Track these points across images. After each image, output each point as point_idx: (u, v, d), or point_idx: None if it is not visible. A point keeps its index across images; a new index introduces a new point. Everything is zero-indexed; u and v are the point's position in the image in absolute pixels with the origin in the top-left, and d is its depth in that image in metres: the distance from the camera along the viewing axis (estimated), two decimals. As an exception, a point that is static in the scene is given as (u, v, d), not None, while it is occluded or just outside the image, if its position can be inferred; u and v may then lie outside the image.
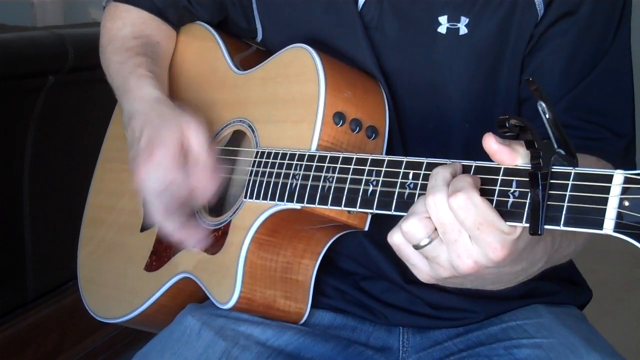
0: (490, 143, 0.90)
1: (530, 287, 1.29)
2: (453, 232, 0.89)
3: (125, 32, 1.44)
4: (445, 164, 0.96)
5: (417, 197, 0.97)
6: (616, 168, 1.23)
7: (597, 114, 1.20)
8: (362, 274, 1.31)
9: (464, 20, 1.20)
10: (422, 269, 0.95)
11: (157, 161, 1.17)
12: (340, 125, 1.17)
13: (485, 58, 1.21)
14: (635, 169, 1.23)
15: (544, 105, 0.88)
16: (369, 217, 1.16)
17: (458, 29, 1.20)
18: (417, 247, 0.92)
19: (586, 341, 1.18)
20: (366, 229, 1.16)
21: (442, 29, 1.20)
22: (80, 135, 2.30)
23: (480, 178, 0.92)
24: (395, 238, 0.94)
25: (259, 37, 1.39)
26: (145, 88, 1.30)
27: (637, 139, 1.24)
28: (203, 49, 1.44)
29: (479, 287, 1.04)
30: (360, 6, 1.25)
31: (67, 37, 2.11)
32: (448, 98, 1.23)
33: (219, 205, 1.34)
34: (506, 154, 0.90)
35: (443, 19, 1.20)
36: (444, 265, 0.92)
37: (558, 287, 1.33)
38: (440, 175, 0.92)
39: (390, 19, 1.23)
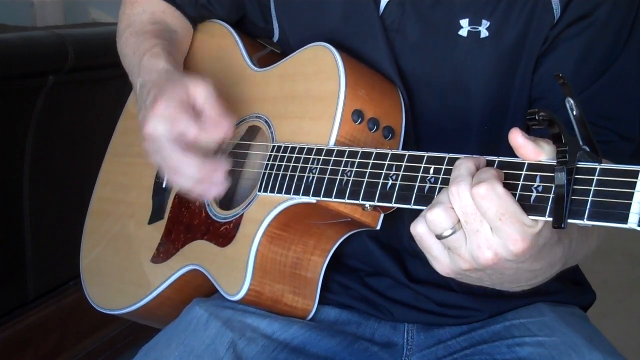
0: (516, 137, 0.91)
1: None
2: (475, 222, 0.90)
3: (144, 17, 1.46)
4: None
5: (438, 191, 0.98)
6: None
7: (605, 118, 1.21)
8: (367, 271, 1.32)
9: (485, 24, 1.20)
10: (442, 261, 0.96)
11: (160, 112, 1.15)
12: (359, 123, 1.17)
13: (504, 60, 1.22)
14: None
15: (572, 101, 0.89)
16: (382, 215, 1.16)
17: (479, 32, 1.21)
18: (440, 237, 0.93)
19: (588, 340, 1.19)
20: (378, 227, 1.17)
21: (463, 32, 1.21)
22: (80, 135, 2.30)
23: (504, 173, 0.93)
24: (419, 228, 0.95)
25: (276, 37, 1.40)
26: (159, 62, 1.31)
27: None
28: (221, 46, 1.45)
29: (496, 286, 1.04)
30: (382, 9, 1.25)
31: (67, 37, 2.11)
32: (467, 101, 1.24)
33: (229, 200, 1.35)
34: (530, 148, 0.91)
35: (464, 22, 1.21)
36: (464, 256, 0.93)
37: (561, 287, 1.34)
38: (463, 165, 0.93)
39: (411, 22, 1.24)
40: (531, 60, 1.22)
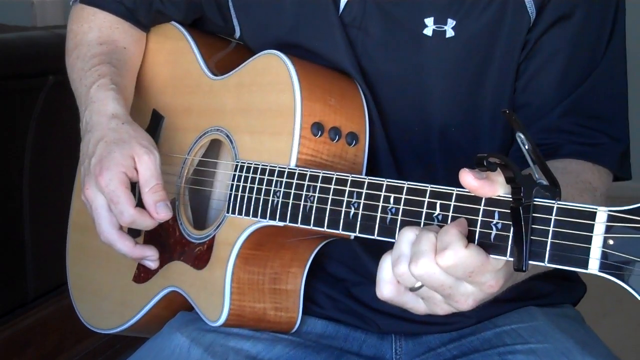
0: (469, 180, 0.88)
1: (523, 288, 1.28)
2: (445, 290, 0.90)
3: (91, 36, 1.40)
4: (425, 189, 0.95)
5: (399, 224, 0.96)
6: (613, 173, 1.22)
7: (594, 118, 1.19)
8: (353, 280, 1.29)
9: (451, 23, 1.17)
10: (419, 309, 0.96)
11: (103, 185, 1.18)
12: (319, 136, 1.14)
13: (471, 61, 1.19)
14: (628, 178, 1.24)
15: (522, 136, 0.86)
16: None
17: (444, 31, 1.18)
18: (412, 290, 0.92)
19: (581, 345, 1.17)
20: (353, 237, 1.13)
21: (428, 31, 1.18)
22: (80, 135, 2.29)
23: (462, 206, 0.91)
24: (385, 292, 0.94)
25: (237, 34, 1.35)
26: (107, 102, 1.28)
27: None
28: (175, 50, 1.40)
29: None
30: (343, 5, 1.22)
31: (67, 37, 2.11)
32: (432, 101, 1.21)
33: (202, 218, 1.33)
34: (487, 188, 0.89)
35: (429, 21, 1.18)
36: (440, 305, 0.93)
37: (551, 287, 1.31)
38: (405, 239, 0.91)
39: (374, 19, 1.21)
40: (508, 63, 1.19)
